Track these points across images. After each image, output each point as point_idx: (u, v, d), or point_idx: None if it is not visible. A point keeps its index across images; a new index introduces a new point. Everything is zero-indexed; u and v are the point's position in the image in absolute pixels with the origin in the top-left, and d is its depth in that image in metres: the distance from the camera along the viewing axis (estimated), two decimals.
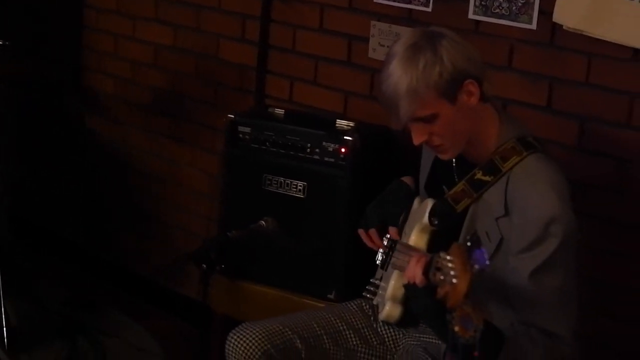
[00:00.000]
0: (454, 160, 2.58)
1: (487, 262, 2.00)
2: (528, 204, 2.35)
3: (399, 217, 2.75)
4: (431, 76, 2.33)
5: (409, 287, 2.33)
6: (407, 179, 2.83)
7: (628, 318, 3.00)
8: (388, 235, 2.71)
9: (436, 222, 2.51)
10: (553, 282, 2.34)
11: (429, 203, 2.58)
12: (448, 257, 2.07)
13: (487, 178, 2.44)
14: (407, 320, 2.68)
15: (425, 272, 2.20)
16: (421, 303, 2.29)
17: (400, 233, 2.73)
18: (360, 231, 2.79)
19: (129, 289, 4.48)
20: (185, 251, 4.18)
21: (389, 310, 2.65)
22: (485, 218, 2.45)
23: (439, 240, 2.49)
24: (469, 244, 2.03)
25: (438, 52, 2.35)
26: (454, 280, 2.01)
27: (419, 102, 2.35)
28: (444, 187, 2.59)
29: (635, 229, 2.95)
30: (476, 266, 2.00)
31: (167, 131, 4.32)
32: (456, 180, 2.54)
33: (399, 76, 2.35)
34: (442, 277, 2.06)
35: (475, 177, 2.46)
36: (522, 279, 2.35)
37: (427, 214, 2.54)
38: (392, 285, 2.64)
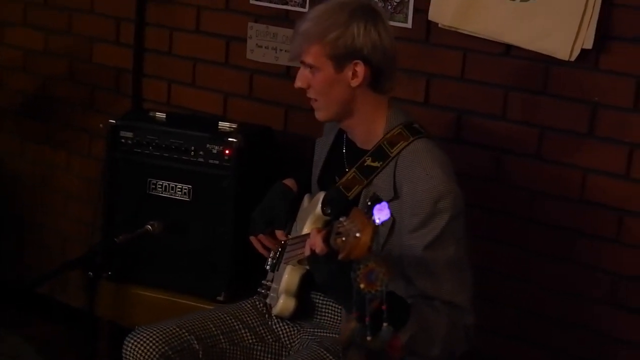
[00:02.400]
0: (344, 150, 2.66)
1: (390, 215, 2.04)
2: (416, 183, 2.44)
3: (284, 219, 2.80)
4: (328, 34, 2.45)
5: (311, 258, 2.33)
6: (288, 181, 2.88)
7: (504, 301, 3.14)
8: (282, 241, 2.78)
9: (329, 211, 2.57)
10: (446, 254, 2.43)
11: (321, 195, 2.63)
12: (348, 220, 2.10)
13: (376, 164, 2.53)
14: (300, 313, 2.73)
15: (326, 239, 2.23)
16: (324, 269, 2.29)
17: (288, 234, 2.78)
18: (251, 238, 2.83)
19: (4, 298, 4.38)
20: (64, 257, 4.15)
21: (283, 303, 2.69)
22: None
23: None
24: (369, 202, 2.07)
25: (351, 22, 2.45)
26: (357, 234, 2.03)
27: (307, 47, 2.48)
28: (336, 177, 2.65)
29: (511, 216, 3.09)
30: (379, 219, 2.04)
31: (41, 136, 4.25)
32: (346, 169, 2.61)
33: (310, 18, 2.50)
34: (343, 239, 2.08)
35: (365, 164, 2.54)
36: (417, 256, 2.44)
37: (319, 205, 2.59)
38: (285, 279, 2.69)
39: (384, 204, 2.05)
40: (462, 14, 3.02)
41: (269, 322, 2.79)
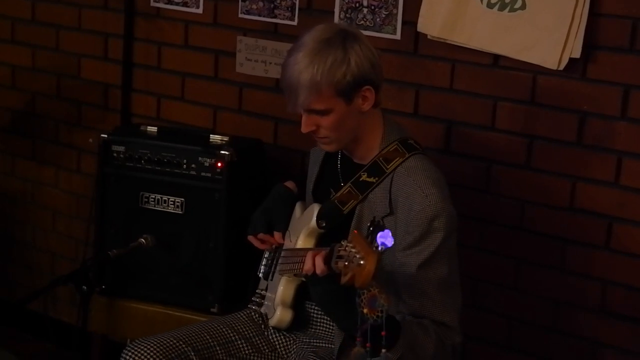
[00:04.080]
0: (339, 164, 2.69)
1: (392, 242, 2.08)
2: (412, 201, 2.47)
3: (283, 221, 2.81)
4: (335, 75, 2.43)
5: (311, 278, 2.36)
6: (289, 183, 2.90)
7: (494, 310, 3.17)
8: (274, 246, 2.80)
9: (324, 225, 2.59)
10: (438, 273, 2.47)
11: (315, 208, 2.65)
12: (350, 244, 2.13)
13: (371, 179, 2.55)
14: (297, 324, 2.74)
15: (327, 262, 2.26)
16: (324, 289, 2.32)
17: (283, 238, 2.80)
18: (250, 237, 2.83)
19: None
20: (53, 274, 4.15)
21: (280, 315, 2.71)
22: (371, 217, 2.54)
23: (327, 243, 2.56)
24: (370, 228, 2.11)
25: (348, 53, 2.45)
26: (362, 262, 2.06)
27: (317, 96, 2.44)
28: (331, 189, 2.67)
29: (501, 225, 3.12)
30: (381, 247, 2.08)
31: (29, 153, 4.26)
32: (342, 183, 2.63)
33: (305, 66, 2.43)
34: (346, 264, 2.12)
35: (361, 179, 2.57)
36: (410, 274, 2.46)
37: (314, 218, 2.61)
38: (280, 291, 2.71)
39: (387, 232, 2.09)
40: (451, 25, 3.06)
41: (265, 333, 2.81)
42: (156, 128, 3.47)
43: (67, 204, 4.16)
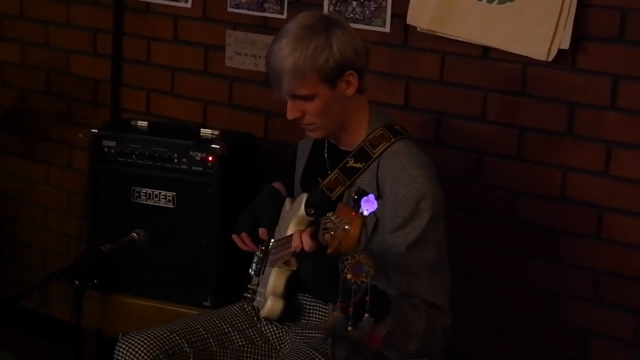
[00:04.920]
0: (326, 153, 2.70)
1: (376, 205, 2.10)
2: (399, 184, 2.49)
3: (269, 217, 2.83)
4: (318, 60, 2.46)
5: (299, 255, 2.38)
6: (277, 185, 2.92)
7: (486, 300, 3.19)
8: (262, 247, 2.81)
9: (312, 212, 2.60)
10: (427, 254, 2.48)
11: (304, 197, 2.67)
12: (335, 215, 2.16)
13: (358, 165, 2.58)
14: (288, 315, 2.75)
15: (314, 236, 2.28)
16: (313, 264, 2.34)
17: (272, 237, 2.82)
18: (234, 236, 2.86)
19: None
20: (45, 271, 4.15)
21: (271, 305, 2.72)
22: None
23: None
24: (355, 196, 2.12)
25: (330, 38, 2.47)
26: (346, 227, 2.08)
27: (301, 81, 2.47)
28: (319, 179, 2.68)
29: (492, 216, 3.13)
30: (367, 210, 2.09)
31: (19, 149, 4.25)
32: (329, 172, 2.65)
33: (288, 53, 2.46)
34: (332, 233, 2.14)
35: (348, 165, 2.59)
36: (399, 255, 2.48)
37: (303, 206, 2.63)
38: (271, 282, 2.71)
39: (371, 196, 2.11)
40: (440, 17, 3.07)
41: (258, 325, 2.82)
42: (147, 123, 3.47)
43: (59, 200, 4.15)
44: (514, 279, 3.12)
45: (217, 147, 3.25)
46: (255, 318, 2.83)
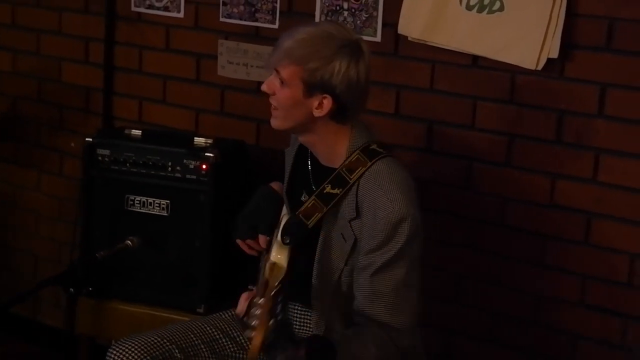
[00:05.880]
0: (309, 164, 2.72)
1: (280, 316, 2.24)
2: (377, 206, 2.50)
3: (269, 224, 2.83)
4: (309, 62, 2.49)
5: (239, 320, 2.50)
6: (274, 184, 2.91)
7: (477, 304, 3.23)
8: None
9: (288, 241, 2.61)
10: (395, 276, 2.50)
11: (283, 220, 2.69)
12: (259, 304, 2.25)
13: (335, 191, 2.57)
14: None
15: (247, 312, 2.34)
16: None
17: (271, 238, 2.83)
18: (238, 241, 2.84)
19: None
20: (36, 278, 4.16)
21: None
22: (339, 221, 2.59)
23: (298, 253, 2.61)
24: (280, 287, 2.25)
25: (335, 58, 2.49)
26: (253, 334, 2.20)
27: (286, 64, 2.51)
28: (303, 190, 2.71)
29: (482, 222, 3.18)
30: (272, 320, 2.21)
31: (11, 156, 4.27)
32: (313, 187, 2.66)
33: (297, 38, 2.51)
34: (251, 324, 2.25)
35: (325, 191, 2.59)
36: (368, 275, 2.52)
37: (279, 233, 2.64)
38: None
39: (279, 306, 2.24)
40: (431, 27, 3.11)
41: None
42: (140, 131, 3.49)
43: (50, 207, 4.17)
44: (504, 284, 3.16)
45: (211, 155, 3.28)
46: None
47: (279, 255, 2.62)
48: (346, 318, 2.60)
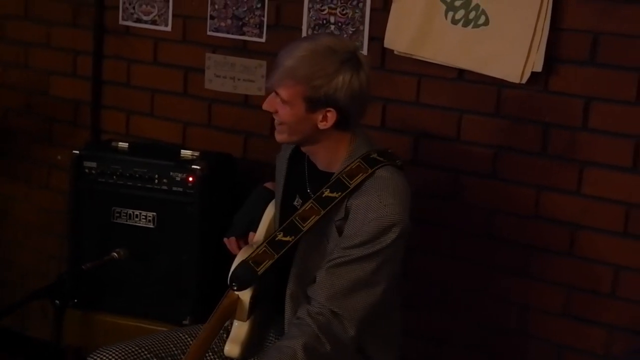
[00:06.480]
0: (306, 169, 2.73)
1: None
2: (368, 208, 2.51)
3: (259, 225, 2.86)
4: (312, 80, 2.50)
5: None
6: (269, 184, 2.93)
7: (462, 314, 3.25)
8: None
9: (235, 287, 2.61)
10: (363, 268, 2.51)
11: (263, 230, 2.74)
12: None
13: (334, 194, 2.58)
14: (254, 348, 2.78)
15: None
16: None
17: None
18: (225, 239, 2.85)
19: None
20: (24, 290, 4.15)
21: (228, 349, 2.70)
22: (324, 224, 2.61)
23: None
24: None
25: (338, 73, 2.51)
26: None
27: (287, 84, 2.52)
28: (297, 196, 2.73)
29: (468, 233, 3.21)
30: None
31: None
32: (308, 190, 2.68)
33: (298, 56, 2.51)
34: None
35: (324, 195, 2.60)
36: (337, 262, 2.53)
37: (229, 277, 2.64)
38: (234, 327, 2.72)
39: None
40: (417, 41, 3.14)
41: None
42: (127, 144, 3.51)
43: (38, 219, 4.18)
44: (490, 294, 3.18)
45: (198, 167, 3.30)
46: (226, 336, 2.83)
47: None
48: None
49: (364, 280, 2.53)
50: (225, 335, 2.82)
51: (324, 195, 2.59)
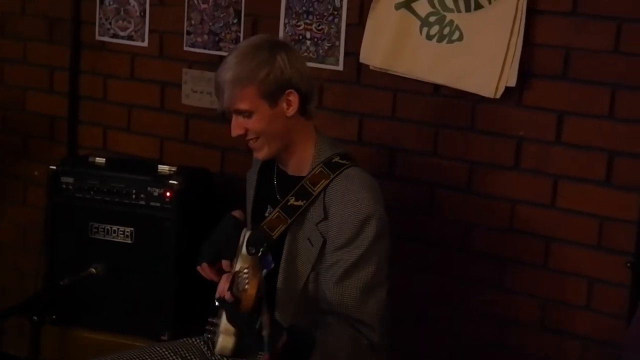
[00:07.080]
0: (275, 180, 2.76)
1: (272, 265, 2.33)
2: (345, 205, 2.56)
3: (231, 250, 2.86)
4: (259, 74, 2.55)
5: (221, 301, 2.48)
6: (236, 213, 2.95)
7: (439, 328, 3.28)
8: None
9: (253, 251, 2.62)
10: (365, 273, 2.56)
11: (247, 234, 2.72)
12: (245, 270, 2.28)
13: (299, 203, 2.63)
14: (241, 351, 2.79)
15: (230, 288, 2.36)
16: (233, 316, 2.44)
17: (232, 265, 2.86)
18: (198, 267, 2.86)
19: None
20: (0, 307, 4.13)
21: (222, 341, 2.70)
22: (306, 227, 2.64)
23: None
24: (253, 251, 2.35)
25: (274, 57, 2.57)
26: (246, 287, 2.23)
27: (240, 94, 2.56)
28: (268, 206, 2.75)
29: (444, 246, 3.23)
30: (265, 270, 2.28)
31: None
32: (278, 197, 2.70)
33: (231, 66, 2.57)
34: (240, 289, 2.28)
35: (289, 204, 2.64)
36: (337, 273, 2.57)
37: (244, 245, 2.67)
38: (224, 318, 2.75)
39: (268, 257, 2.33)
40: (392, 56, 3.17)
41: (212, 359, 2.84)
42: (104, 159, 3.52)
43: (14, 235, 4.17)
44: (466, 307, 3.20)
45: (175, 182, 3.31)
46: (209, 353, 2.85)
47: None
48: (313, 324, 2.62)
49: (370, 284, 2.57)
50: (211, 346, 2.83)
51: (289, 204, 2.64)
